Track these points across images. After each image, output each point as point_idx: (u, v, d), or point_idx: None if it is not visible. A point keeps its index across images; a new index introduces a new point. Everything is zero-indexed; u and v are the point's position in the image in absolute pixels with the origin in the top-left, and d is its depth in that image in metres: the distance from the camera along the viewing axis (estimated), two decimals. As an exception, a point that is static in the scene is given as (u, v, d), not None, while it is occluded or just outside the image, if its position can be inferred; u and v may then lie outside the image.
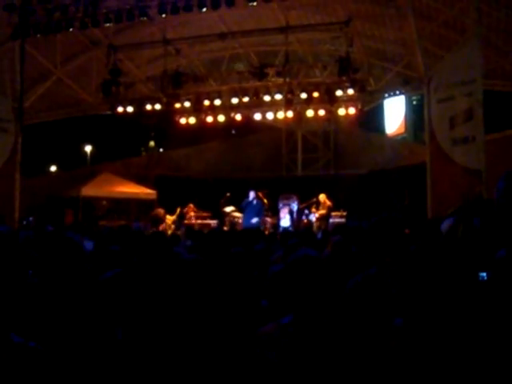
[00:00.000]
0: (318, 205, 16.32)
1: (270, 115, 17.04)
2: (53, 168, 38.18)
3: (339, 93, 15.31)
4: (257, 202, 15.57)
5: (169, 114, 17.50)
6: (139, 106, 16.83)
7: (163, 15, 13.65)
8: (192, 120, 17.51)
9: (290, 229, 15.32)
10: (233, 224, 16.42)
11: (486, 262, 2.43)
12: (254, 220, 15.18)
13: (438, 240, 3.65)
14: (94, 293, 2.83)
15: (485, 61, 13.40)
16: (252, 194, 15.57)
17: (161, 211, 17.28)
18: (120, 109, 16.90)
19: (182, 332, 2.63)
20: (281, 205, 17.57)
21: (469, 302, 2.05)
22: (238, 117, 17.20)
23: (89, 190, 18.74)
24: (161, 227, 16.22)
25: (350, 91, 15.20)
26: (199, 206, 17.97)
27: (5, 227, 4.81)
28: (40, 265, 3.12)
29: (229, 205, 16.96)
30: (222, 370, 2.57)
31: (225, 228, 16.02)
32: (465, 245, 3.11)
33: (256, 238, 6.36)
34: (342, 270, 3.46)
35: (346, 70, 14.47)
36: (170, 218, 17.28)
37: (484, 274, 2.21)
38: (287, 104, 16.09)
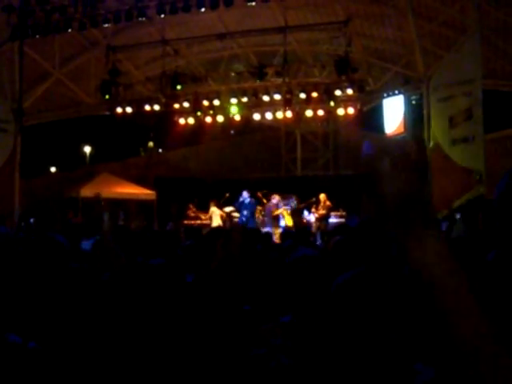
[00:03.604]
0: (317, 204, 16.26)
1: (268, 115, 17.01)
2: (52, 169, 38.14)
3: (338, 93, 15.29)
4: (249, 202, 15.50)
5: (168, 114, 17.49)
6: (138, 106, 16.81)
7: (162, 15, 13.69)
8: (191, 120, 17.49)
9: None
10: (233, 225, 16.31)
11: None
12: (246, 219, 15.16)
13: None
14: (88, 292, 2.81)
15: (484, 60, 13.40)
16: (245, 194, 15.48)
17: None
18: (119, 109, 16.88)
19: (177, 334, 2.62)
20: (280, 205, 17.50)
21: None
22: (237, 117, 17.18)
23: (88, 191, 18.68)
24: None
25: (349, 91, 15.19)
26: (198, 207, 17.93)
27: (2, 228, 4.80)
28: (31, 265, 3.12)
29: (227, 205, 16.89)
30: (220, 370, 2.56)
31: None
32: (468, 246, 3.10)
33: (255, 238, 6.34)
34: (341, 270, 3.45)
35: (345, 70, 14.46)
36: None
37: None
38: (286, 104, 16.06)
